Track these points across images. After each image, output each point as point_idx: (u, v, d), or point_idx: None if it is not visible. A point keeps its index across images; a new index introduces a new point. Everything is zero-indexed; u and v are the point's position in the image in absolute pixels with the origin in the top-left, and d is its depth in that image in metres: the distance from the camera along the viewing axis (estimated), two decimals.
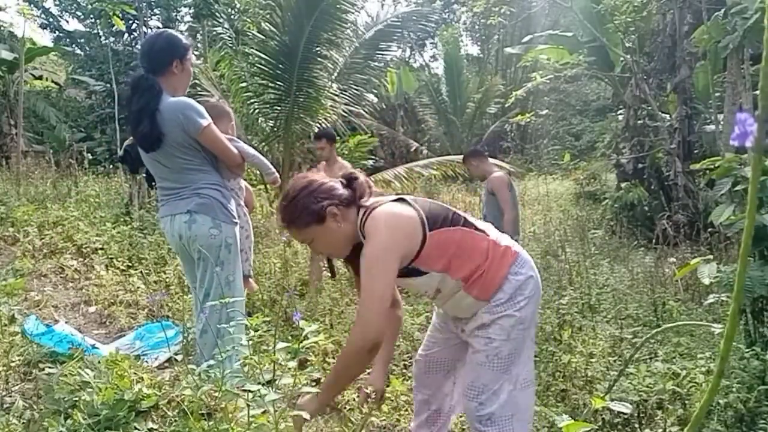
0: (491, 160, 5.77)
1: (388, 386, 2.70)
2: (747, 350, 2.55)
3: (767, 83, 0.58)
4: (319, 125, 7.58)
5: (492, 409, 1.72)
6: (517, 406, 1.74)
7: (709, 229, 5.22)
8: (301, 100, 7.19)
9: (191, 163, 2.56)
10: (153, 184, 2.76)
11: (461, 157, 8.94)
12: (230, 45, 7.99)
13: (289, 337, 3.06)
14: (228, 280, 2.57)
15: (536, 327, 3.51)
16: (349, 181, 1.80)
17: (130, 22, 12.17)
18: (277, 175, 3.08)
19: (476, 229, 1.78)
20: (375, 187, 1.89)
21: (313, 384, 2.81)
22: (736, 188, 2.63)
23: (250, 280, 3.94)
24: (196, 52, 13.82)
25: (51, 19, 14.82)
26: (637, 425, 2.50)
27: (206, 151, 2.59)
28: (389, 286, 1.65)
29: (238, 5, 9.86)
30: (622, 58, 8.86)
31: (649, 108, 8.32)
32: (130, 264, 4.85)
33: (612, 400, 1.79)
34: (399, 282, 1.77)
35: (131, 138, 2.69)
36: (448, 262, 1.72)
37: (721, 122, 7.13)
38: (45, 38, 15.26)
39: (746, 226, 0.60)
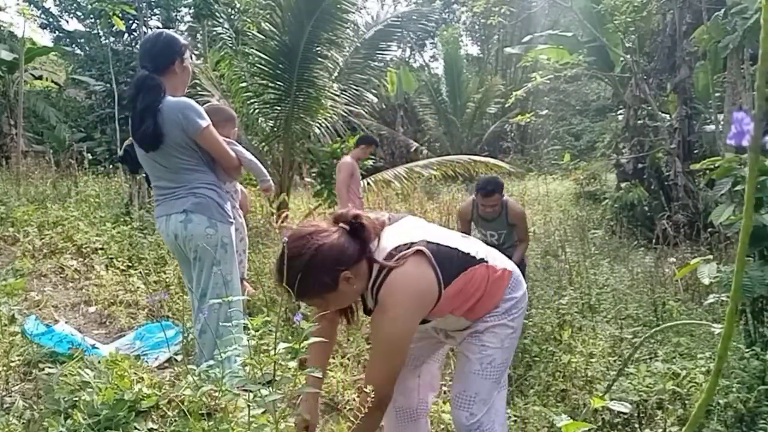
0: (491, 160, 5.73)
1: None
2: (747, 350, 2.55)
3: (764, 82, 0.58)
4: (319, 125, 7.59)
5: (481, 417, 1.74)
6: (497, 410, 1.78)
7: (709, 229, 5.22)
8: (301, 100, 7.18)
9: (188, 163, 2.55)
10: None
11: (461, 157, 8.94)
12: (230, 45, 7.98)
13: (290, 337, 3.06)
14: (225, 279, 2.57)
15: (536, 327, 3.53)
16: (355, 229, 1.62)
17: (130, 22, 12.17)
18: (271, 183, 3.08)
19: (476, 260, 1.73)
20: (375, 188, 1.88)
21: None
22: (736, 188, 2.62)
23: (245, 282, 3.94)
24: (195, 52, 13.85)
25: (51, 19, 14.84)
26: (637, 425, 2.50)
27: (203, 152, 2.58)
28: (404, 361, 1.67)
29: (238, 5, 9.85)
30: (622, 58, 8.86)
31: (649, 108, 8.32)
32: (130, 264, 4.84)
33: (612, 399, 1.79)
34: None
35: (131, 138, 2.69)
36: (454, 307, 1.72)
37: (721, 122, 7.14)
38: (45, 38, 15.29)
39: (743, 226, 0.61)
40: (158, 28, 13.25)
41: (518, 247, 4.07)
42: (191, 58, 2.71)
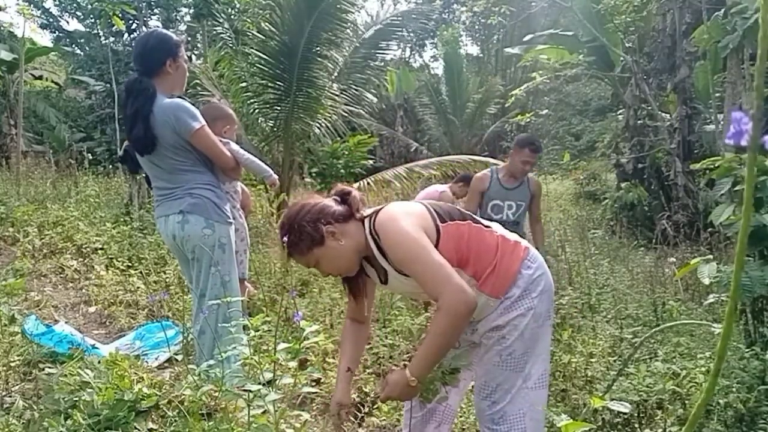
0: (491, 159, 5.68)
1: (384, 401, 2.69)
2: (747, 350, 2.55)
3: (762, 82, 0.59)
4: (318, 125, 7.59)
5: (503, 406, 1.70)
6: (530, 405, 1.72)
7: (709, 229, 5.22)
8: (301, 100, 7.18)
9: (184, 163, 2.55)
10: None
11: (461, 157, 8.93)
12: (230, 45, 7.99)
13: (290, 337, 3.06)
14: (224, 280, 2.56)
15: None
16: (343, 197, 1.80)
17: (130, 22, 12.17)
18: (275, 176, 3.07)
19: (484, 226, 1.78)
20: (375, 187, 1.89)
21: (313, 384, 2.81)
22: (736, 188, 2.62)
23: (246, 283, 3.94)
24: (195, 52, 13.83)
25: (51, 19, 14.83)
26: (637, 425, 2.50)
27: (199, 152, 2.57)
28: (439, 259, 1.59)
29: (238, 5, 9.86)
30: (622, 58, 8.86)
31: (649, 108, 8.32)
32: (130, 264, 4.85)
33: (612, 399, 1.79)
34: (414, 284, 1.69)
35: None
36: (461, 257, 1.69)
37: (721, 122, 7.13)
38: (45, 38, 15.24)
39: (742, 225, 0.61)
40: (157, 27, 13.25)
41: (536, 233, 4.15)
42: (187, 55, 2.70)
